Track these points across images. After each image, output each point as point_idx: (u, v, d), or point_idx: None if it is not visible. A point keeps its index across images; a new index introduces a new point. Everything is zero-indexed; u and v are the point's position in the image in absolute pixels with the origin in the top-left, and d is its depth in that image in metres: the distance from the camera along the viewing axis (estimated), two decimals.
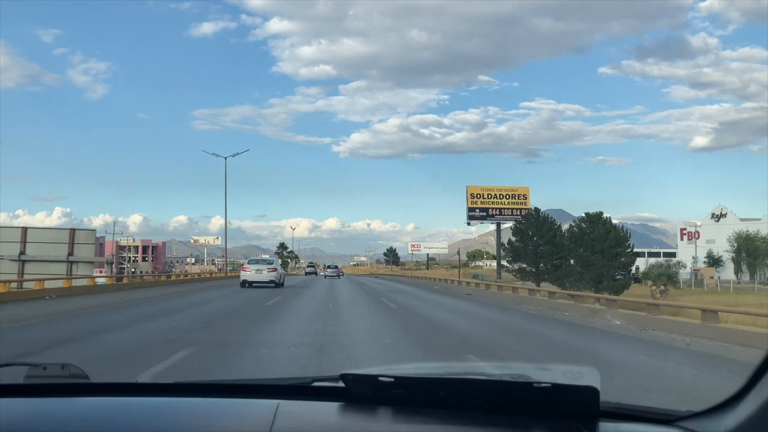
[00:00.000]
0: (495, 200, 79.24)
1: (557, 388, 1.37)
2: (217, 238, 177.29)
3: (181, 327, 11.26)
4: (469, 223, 79.90)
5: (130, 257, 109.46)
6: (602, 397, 1.37)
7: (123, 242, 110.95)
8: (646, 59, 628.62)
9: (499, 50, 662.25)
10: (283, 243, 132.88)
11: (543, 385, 1.38)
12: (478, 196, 79.27)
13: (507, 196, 79.53)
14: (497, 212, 79.05)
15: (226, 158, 44.09)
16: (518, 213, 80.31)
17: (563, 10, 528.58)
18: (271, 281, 27.35)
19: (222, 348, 8.73)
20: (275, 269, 28.10)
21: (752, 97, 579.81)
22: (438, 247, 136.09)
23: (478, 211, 79.17)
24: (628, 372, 7.76)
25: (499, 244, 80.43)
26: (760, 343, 9.75)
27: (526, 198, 79.58)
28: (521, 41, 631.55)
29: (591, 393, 1.35)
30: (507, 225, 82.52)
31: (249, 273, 27.59)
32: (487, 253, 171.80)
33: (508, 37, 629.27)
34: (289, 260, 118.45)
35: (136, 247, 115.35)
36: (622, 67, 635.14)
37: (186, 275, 52.95)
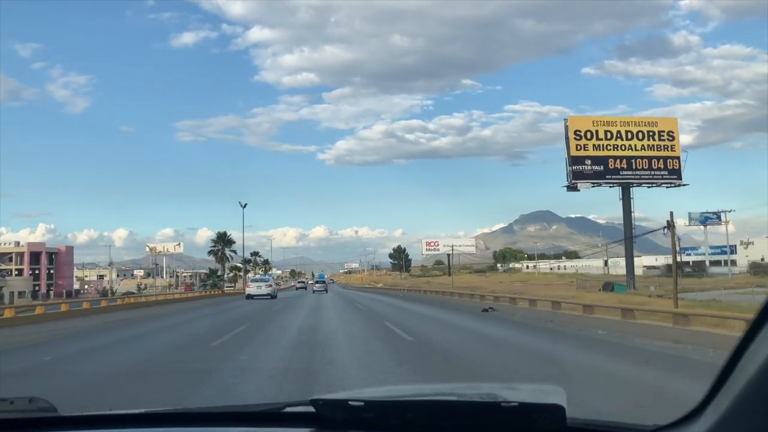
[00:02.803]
0: (620, 143, 43.27)
1: (524, 407, 1.41)
2: (179, 244, 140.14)
3: None
4: (573, 185, 43.76)
5: (11, 270, 72.59)
6: (570, 414, 1.38)
7: (1, 248, 74.68)
8: (628, 58, 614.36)
9: (482, 53, 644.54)
10: (225, 233, 75.46)
11: (510, 404, 1.41)
12: (589, 137, 43.41)
13: (639, 135, 43.55)
14: (624, 165, 43.09)
15: None
16: (659, 166, 43.83)
17: (545, 11, 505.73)
18: (268, 294, 39.22)
19: None
20: (270, 285, 41.78)
21: (734, 95, 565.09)
22: (464, 245, 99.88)
23: (589, 163, 43.31)
24: None
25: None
26: None
27: (674, 139, 43.98)
28: (504, 44, 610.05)
29: (557, 411, 1.38)
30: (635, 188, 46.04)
31: (252, 289, 40.61)
32: (519, 252, 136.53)
33: (490, 39, 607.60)
34: (248, 266, 75.66)
35: (21, 255, 77.79)
36: (605, 67, 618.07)
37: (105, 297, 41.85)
